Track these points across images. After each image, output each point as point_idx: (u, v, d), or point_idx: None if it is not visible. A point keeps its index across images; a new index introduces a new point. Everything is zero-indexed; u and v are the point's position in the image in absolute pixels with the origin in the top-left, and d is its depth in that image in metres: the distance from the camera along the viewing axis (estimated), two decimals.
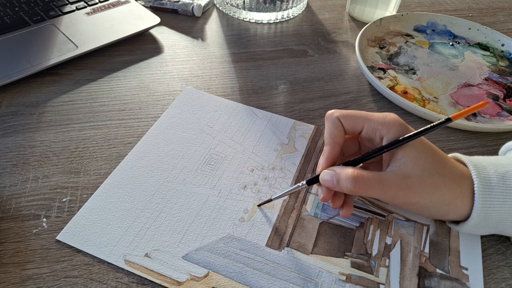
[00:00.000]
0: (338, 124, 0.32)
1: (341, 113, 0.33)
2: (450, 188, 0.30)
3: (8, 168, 0.38)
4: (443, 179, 0.29)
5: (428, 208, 0.31)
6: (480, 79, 0.51)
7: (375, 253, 0.33)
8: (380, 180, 0.29)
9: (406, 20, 0.60)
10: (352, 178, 0.29)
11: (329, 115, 0.33)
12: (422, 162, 0.29)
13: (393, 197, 0.30)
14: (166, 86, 0.48)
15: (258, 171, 0.38)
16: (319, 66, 0.53)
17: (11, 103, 0.44)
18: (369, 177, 0.29)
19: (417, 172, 0.29)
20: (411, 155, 0.30)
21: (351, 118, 0.32)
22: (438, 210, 0.31)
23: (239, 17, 0.62)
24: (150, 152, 0.39)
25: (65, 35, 0.51)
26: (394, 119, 0.31)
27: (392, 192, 0.29)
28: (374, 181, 0.29)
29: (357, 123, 0.32)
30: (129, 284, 0.30)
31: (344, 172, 0.30)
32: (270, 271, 0.31)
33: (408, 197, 0.29)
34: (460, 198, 0.30)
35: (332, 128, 0.32)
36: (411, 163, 0.29)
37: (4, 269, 0.30)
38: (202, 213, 0.35)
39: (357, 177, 0.29)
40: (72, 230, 0.33)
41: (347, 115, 0.32)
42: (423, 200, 0.30)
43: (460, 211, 0.30)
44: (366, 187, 0.29)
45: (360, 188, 0.29)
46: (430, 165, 0.30)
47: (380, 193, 0.30)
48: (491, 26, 0.61)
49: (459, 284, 0.31)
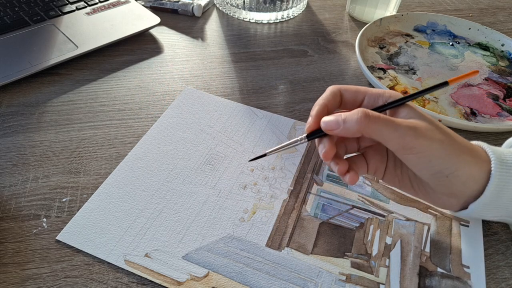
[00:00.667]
0: (336, 94, 0.32)
1: (342, 86, 0.33)
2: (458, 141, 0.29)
3: (8, 168, 0.38)
4: (449, 136, 0.29)
5: (439, 156, 0.29)
6: (480, 79, 0.51)
7: (375, 253, 0.33)
8: (390, 118, 0.29)
9: (406, 20, 0.60)
10: (362, 111, 0.28)
11: (330, 87, 0.33)
12: (428, 119, 0.29)
13: (402, 136, 0.28)
14: (166, 86, 0.48)
15: (258, 171, 0.38)
16: (319, 66, 0.53)
17: (11, 103, 0.44)
18: (379, 114, 0.29)
19: (426, 122, 0.29)
20: (416, 113, 0.30)
21: (353, 90, 0.33)
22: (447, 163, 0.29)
23: (239, 17, 0.62)
24: (150, 152, 0.39)
25: (65, 35, 0.51)
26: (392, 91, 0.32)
27: (402, 130, 0.28)
28: (384, 117, 0.28)
29: (358, 94, 0.32)
30: (129, 284, 0.30)
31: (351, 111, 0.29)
32: (270, 271, 0.31)
33: (418, 138, 0.28)
34: (469, 153, 0.29)
35: (329, 94, 0.32)
36: (418, 117, 0.29)
37: (4, 269, 0.30)
38: (202, 213, 0.35)
39: (367, 111, 0.28)
40: (72, 230, 0.33)
41: (349, 87, 0.33)
42: (433, 146, 0.28)
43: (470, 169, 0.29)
44: (375, 120, 0.28)
45: (369, 120, 0.28)
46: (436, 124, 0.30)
47: (389, 129, 0.28)
48: (491, 26, 0.61)
49: (461, 282, 0.31)
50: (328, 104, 0.32)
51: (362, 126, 0.28)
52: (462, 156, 0.29)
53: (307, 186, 0.38)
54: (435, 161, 0.29)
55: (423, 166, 0.30)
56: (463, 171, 0.29)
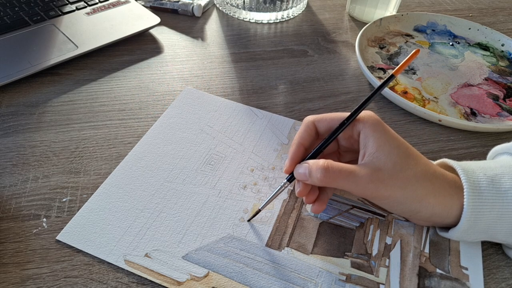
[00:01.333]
0: (310, 128, 0.33)
1: (316, 118, 0.34)
2: (422, 185, 0.30)
3: (8, 168, 0.38)
4: (415, 175, 0.29)
5: (400, 204, 0.30)
6: (480, 79, 0.51)
7: (375, 253, 0.33)
8: (351, 171, 0.29)
9: (406, 20, 0.60)
10: (322, 168, 0.29)
11: (305, 119, 0.34)
12: (394, 157, 0.30)
13: (363, 189, 0.29)
14: (166, 86, 0.48)
15: (258, 171, 0.39)
16: (319, 66, 0.53)
17: (11, 103, 0.44)
18: (340, 167, 0.29)
19: (389, 166, 0.29)
20: (384, 149, 0.30)
21: (326, 120, 0.33)
22: (409, 206, 0.30)
23: (239, 17, 0.62)
24: (150, 152, 0.39)
25: (65, 35, 0.51)
26: (369, 114, 0.31)
27: (362, 184, 0.29)
28: (344, 172, 0.29)
29: (332, 124, 0.33)
30: (129, 284, 0.30)
31: (316, 163, 0.30)
32: (270, 271, 0.31)
33: (379, 190, 0.29)
34: (432, 195, 0.30)
35: (302, 130, 0.33)
36: (384, 157, 0.29)
37: (4, 269, 0.30)
38: (202, 213, 0.35)
39: (327, 167, 0.29)
40: (72, 230, 0.33)
41: (322, 118, 0.33)
42: (394, 194, 0.29)
43: (433, 209, 0.30)
44: (336, 177, 0.29)
45: (330, 178, 0.29)
46: (403, 160, 0.30)
47: (350, 184, 0.29)
48: (491, 26, 0.61)
49: (459, 284, 0.31)
50: (303, 142, 0.33)
51: (324, 183, 0.30)
52: (425, 200, 0.30)
53: None
54: (397, 207, 0.31)
55: (386, 207, 0.32)
56: (425, 213, 0.30)
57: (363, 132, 0.31)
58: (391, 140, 0.30)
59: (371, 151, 0.30)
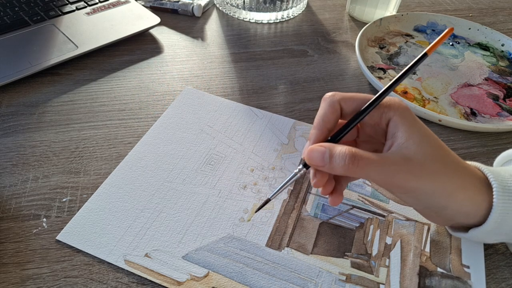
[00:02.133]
0: (336, 108, 0.29)
1: (342, 96, 0.29)
2: (452, 178, 0.28)
3: (8, 168, 0.38)
4: (445, 168, 0.28)
5: (427, 197, 0.28)
6: (480, 79, 0.51)
7: (375, 253, 0.33)
8: (378, 159, 0.27)
9: (406, 20, 0.60)
10: (349, 155, 0.26)
11: (328, 97, 0.30)
12: (425, 147, 0.28)
13: (391, 179, 0.27)
14: (166, 86, 0.48)
15: (258, 171, 0.38)
16: (319, 66, 0.53)
17: (11, 103, 0.44)
18: (367, 155, 0.27)
19: (419, 156, 0.27)
20: (414, 139, 0.28)
21: (353, 100, 0.29)
22: (437, 201, 0.28)
23: (239, 17, 0.62)
24: (150, 152, 0.39)
25: (65, 35, 0.51)
26: (398, 102, 0.29)
27: (390, 173, 0.27)
28: (371, 159, 0.27)
29: (359, 105, 0.29)
30: (129, 284, 0.30)
31: (338, 148, 0.27)
32: (270, 271, 0.31)
33: (407, 180, 0.27)
34: (462, 190, 0.28)
35: (327, 110, 0.29)
36: (414, 146, 0.27)
37: (4, 269, 0.30)
38: (202, 213, 0.35)
39: (354, 154, 0.26)
40: (72, 230, 0.33)
41: (350, 97, 0.29)
42: (423, 186, 0.27)
43: (460, 205, 0.28)
44: (363, 165, 0.26)
45: (356, 166, 0.26)
46: (433, 151, 0.28)
47: (377, 173, 0.27)
48: (491, 26, 0.61)
49: (461, 282, 0.31)
50: (327, 124, 0.29)
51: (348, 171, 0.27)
52: (454, 195, 0.28)
53: (307, 186, 0.38)
54: (424, 201, 0.29)
55: (411, 201, 0.30)
56: (452, 209, 0.29)
57: (393, 121, 0.28)
58: (422, 129, 0.28)
59: (400, 141, 0.28)
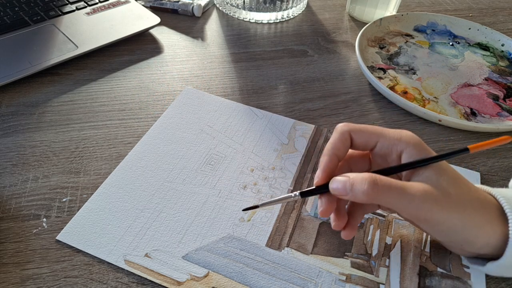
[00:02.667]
0: (345, 138, 0.30)
1: (352, 128, 0.30)
2: (479, 211, 0.27)
3: (8, 168, 0.38)
4: (470, 201, 0.27)
5: (457, 231, 0.27)
6: (480, 79, 0.51)
7: (375, 253, 0.33)
8: (402, 186, 0.26)
9: (406, 20, 0.60)
10: (370, 180, 0.26)
11: (339, 127, 0.30)
12: (446, 180, 0.27)
13: (416, 209, 0.26)
14: (166, 86, 0.48)
15: (258, 171, 0.38)
16: (319, 66, 0.53)
17: (11, 103, 0.44)
18: (390, 181, 0.26)
19: (443, 185, 0.26)
20: (435, 172, 0.27)
21: (364, 133, 0.30)
22: (467, 234, 0.27)
23: (239, 17, 0.62)
24: (150, 152, 0.39)
25: (65, 35, 0.51)
26: (411, 135, 0.29)
27: (416, 202, 0.26)
28: (395, 186, 0.26)
29: (370, 138, 0.29)
30: (129, 284, 0.30)
31: (360, 176, 0.27)
32: (270, 271, 0.31)
33: (433, 212, 0.26)
34: (489, 224, 0.27)
35: (337, 140, 0.30)
36: (435, 176, 0.27)
37: (4, 269, 0.30)
38: (202, 213, 0.35)
39: (376, 180, 0.26)
40: (72, 230, 0.33)
41: (360, 129, 0.30)
42: (451, 219, 0.26)
43: (489, 238, 0.27)
44: (385, 191, 0.26)
45: (378, 192, 0.25)
46: (455, 184, 0.27)
47: (401, 202, 0.26)
48: (491, 26, 0.61)
49: (461, 282, 0.31)
50: (337, 153, 0.29)
51: (370, 198, 0.26)
52: (483, 229, 0.27)
53: (307, 186, 0.38)
54: (451, 234, 0.28)
55: (437, 234, 0.29)
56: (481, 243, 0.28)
57: (406, 152, 0.28)
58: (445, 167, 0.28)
59: (419, 172, 0.27)
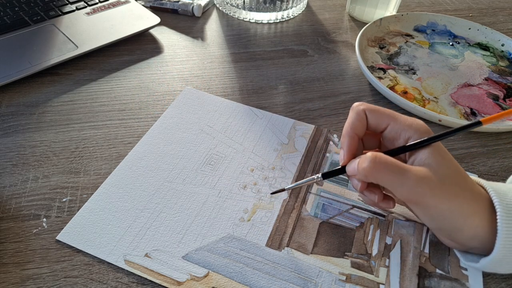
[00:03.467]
0: (362, 117, 0.31)
1: (368, 107, 0.31)
2: (469, 202, 0.28)
3: (8, 168, 0.38)
4: (462, 191, 0.28)
5: (444, 217, 0.28)
6: (480, 79, 0.51)
7: (375, 253, 0.33)
8: (400, 167, 0.27)
9: (406, 20, 0.60)
10: (371, 157, 0.27)
11: (355, 106, 0.32)
12: (445, 168, 0.28)
13: (409, 191, 0.27)
14: (166, 86, 0.48)
15: (258, 171, 0.38)
16: (319, 66, 0.53)
17: (11, 103, 0.44)
18: (389, 160, 0.27)
19: (440, 176, 0.27)
20: (435, 159, 0.28)
21: (378, 114, 0.31)
22: (453, 222, 0.28)
23: (239, 17, 0.62)
24: (150, 152, 0.39)
25: (65, 35, 0.51)
26: (421, 124, 0.30)
27: (410, 185, 0.27)
28: (393, 166, 0.27)
29: (383, 120, 0.31)
30: (129, 284, 0.30)
31: (364, 155, 0.28)
32: (270, 271, 0.31)
33: (425, 196, 0.27)
34: (478, 215, 0.28)
35: (355, 119, 0.31)
36: (435, 166, 0.28)
37: (4, 269, 0.30)
38: (202, 213, 0.35)
39: (376, 157, 0.27)
40: (72, 230, 0.33)
41: (375, 110, 0.31)
42: (441, 205, 0.27)
43: (475, 230, 0.28)
44: (382, 169, 0.27)
45: (376, 169, 0.27)
46: (453, 173, 0.28)
47: (396, 182, 0.27)
48: (491, 26, 0.61)
49: (459, 284, 0.31)
50: (357, 132, 0.31)
51: (369, 174, 0.28)
52: (470, 219, 0.28)
53: (307, 186, 0.38)
54: (440, 220, 0.29)
55: (426, 219, 0.30)
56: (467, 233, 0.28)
57: (413, 139, 0.29)
58: (442, 152, 0.29)
59: (422, 157, 0.29)
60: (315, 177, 0.33)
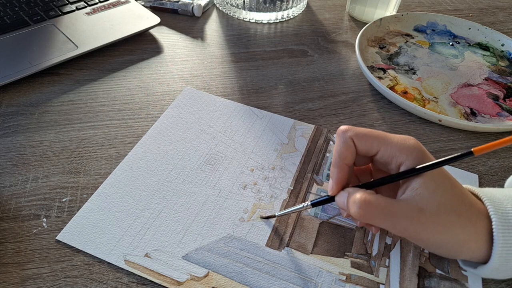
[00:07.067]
0: (350, 145, 0.30)
1: (355, 133, 0.30)
2: (465, 229, 0.27)
3: (8, 168, 0.38)
4: (458, 218, 0.27)
5: (439, 247, 0.28)
6: (480, 79, 0.51)
7: (375, 253, 0.33)
8: (390, 209, 0.27)
9: (406, 20, 0.60)
10: (359, 202, 0.27)
11: (341, 133, 0.30)
12: (439, 196, 0.27)
13: (402, 231, 0.27)
14: (166, 86, 0.48)
15: (258, 171, 0.39)
16: (319, 66, 0.53)
17: (11, 103, 0.44)
18: (379, 204, 0.27)
19: (433, 207, 0.27)
20: (429, 187, 0.27)
21: (367, 140, 0.29)
22: (449, 250, 0.28)
23: (239, 17, 0.62)
24: (150, 152, 0.39)
25: (65, 35, 0.51)
26: (413, 145, 0.28)
27: (401, 225, 0.27)
28: (383, 210, 0.27)
29: (372, 146, 0.29)
30: (129, 284, 0.30)
31: (356, 195, 0.27)
32: (270, 271, 0.31)
33: (418, 233, 0.27)
34: (474, 240, 0.27)
35: (342, 148, 0.30)
36: (428, 195, 0.27)
37: (4, 269, 0.30)
38: (202, 213, 0.35)
39: (364, 202, 0.27)
40: (72, 230, 0.33)
41: (362, 135, 0.29)
42: (434, 238, 0.27)
43: (473, 253, 0.28)
44: (373, 215, 0.27)
45: (366, 215, 0.27)
46: (448, 200, 0.27)
47: (388, 224, 0.27)
48: (491, 26, 0.61)
49: (458, 284, 0.31)
50: (346, 161, 0.30)
51: (359, 218, 0.27)
52: (467, 245, 0.27)
53: (307, 186, 0.38)
54: (434, 249, 0.29)
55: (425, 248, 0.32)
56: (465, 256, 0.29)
57: (405, 165, 0.28)
58: (436, 176, 0.28)
59: (414, 186, 0.27)
60: (304, 205, 0.32)
